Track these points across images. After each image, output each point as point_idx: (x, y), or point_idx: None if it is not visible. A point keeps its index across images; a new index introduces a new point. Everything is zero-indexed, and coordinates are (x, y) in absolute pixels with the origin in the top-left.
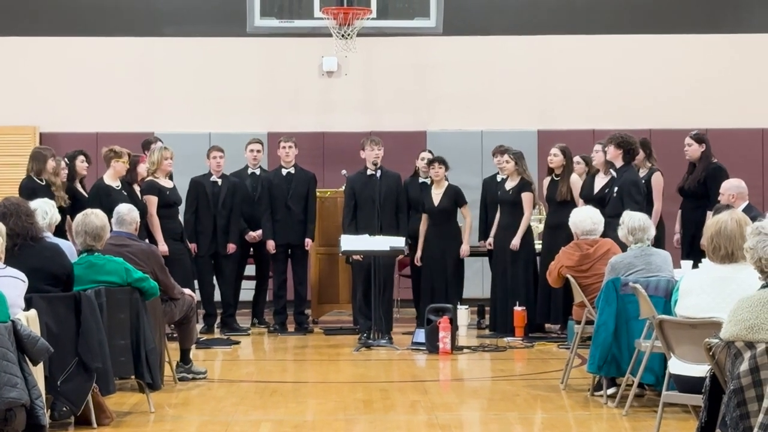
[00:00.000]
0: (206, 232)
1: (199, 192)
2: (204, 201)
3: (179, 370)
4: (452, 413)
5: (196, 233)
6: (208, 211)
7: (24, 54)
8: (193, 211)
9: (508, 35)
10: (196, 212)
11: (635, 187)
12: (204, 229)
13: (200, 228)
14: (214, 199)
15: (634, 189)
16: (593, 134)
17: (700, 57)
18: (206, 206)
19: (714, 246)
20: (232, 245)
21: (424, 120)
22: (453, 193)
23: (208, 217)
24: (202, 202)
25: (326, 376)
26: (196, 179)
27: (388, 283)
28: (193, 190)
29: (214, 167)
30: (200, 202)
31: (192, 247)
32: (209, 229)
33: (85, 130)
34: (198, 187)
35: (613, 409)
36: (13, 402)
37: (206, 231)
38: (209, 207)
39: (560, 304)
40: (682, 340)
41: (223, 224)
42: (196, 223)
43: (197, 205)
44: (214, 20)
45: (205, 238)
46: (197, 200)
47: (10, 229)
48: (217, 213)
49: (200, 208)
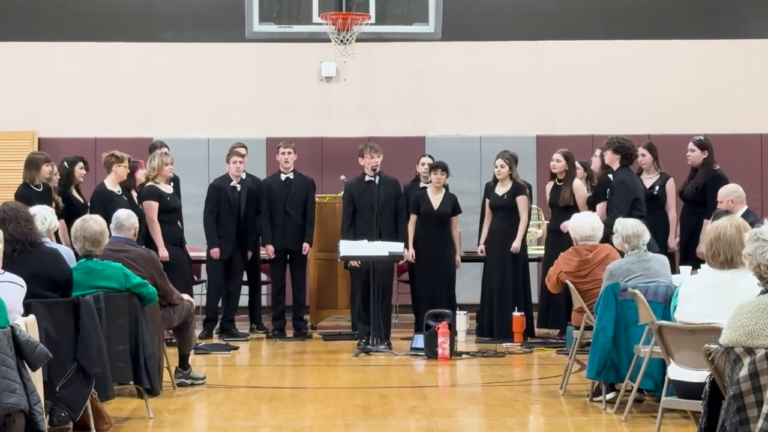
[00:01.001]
0: (229, 237)
1: (221, 197)
2: (225, 206)
3: (178, 375)
4: (451, 419)
5: (218, 238)
6: (230, 216)
7: (23, 59)
8: (214, 217)
9: (506, 41)
10: (217, 218)
11: (623, 186)
12: (226, 233)
13: (222, 233)
14: (236, 204)
15: (622, 189)
16: (592, 139)
17: (699, 62)
18: (228, 211)
19: (713, 252)
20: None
21: (423, 125)
22: (452, 201)
23: (230, 222)
24: (224, 207)
25: (325, 382)
26: (216, 184)
27: (386, 289)
28: (213, 195)
29: (234, 171)
30: (221, 207)
31: (214, 253)
32: (232, 234)
33: (83, 136)
34: (219, 192)
35: (612, 415)
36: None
37: (228, 236)
38: (231, 212)
39: (561, 309)
40: (681, 346)
41: (244, 229)
42: (218, 228)
43: (218, 210)
44: (212, 26)
45: (228, 242)
46: (218, 205)
47: (9, 234)
48: (239, 218)
49: (222, 213)
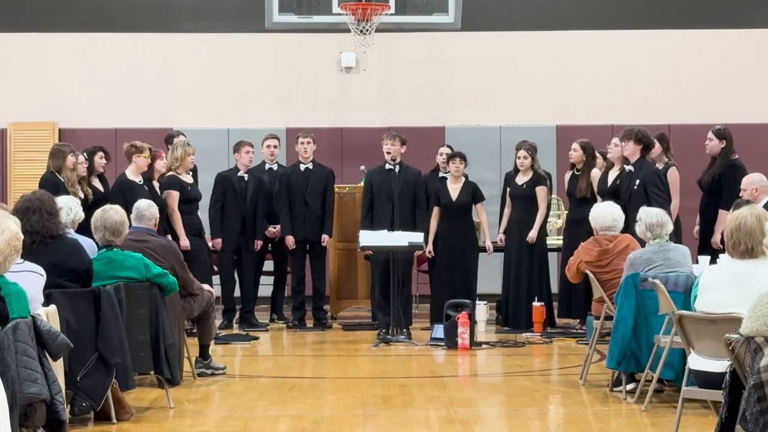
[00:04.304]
0: (233, 228)
1: (227, 187)
2: (232, 197)
3: (198, 365)
4: (471, 409)
5: (222, 228)
6: (236, 206)
7: (43, 50)
8: (219, 207)
9: (526, 31)
10: (222, 208)
11: (659, 178)
12: (231, 224)
13: (227, 223)
14: (242, 195)
15: (658, 181)
16: (612, 129)
17: (718, 52)
18: (234, 202)
19: (734, 241)
20: (259, 241)
21: (443, 115)
22: (471, 189)
23: (236, 213)
24: (230, 198)
25: (345, 372)
26: (224, 174)
27: (406, 279)
28: (220, 186)
29: (246, 162)
30: (227, 197)
31: (216, 243)
32: (237, 225)
33: (104, 126)
34: (225, 183)
35: (633, 405)
36: (33, 397)
37: (233, 227)
38: (237, 203)
39: (581, 299)
40: (701, 336)
41: (251, 220)
42: (223, 218)
43: (224, 200)
44: (232, 16)
45: (232, 233)
46: (224, 196)
47: (31, 226)
48: (245, 209)
49: (227, 203)
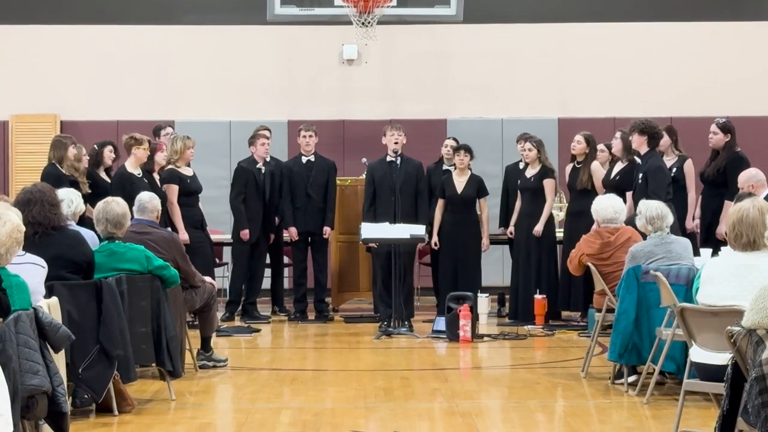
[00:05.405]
0: (256, 219)
1: (248, 179)
2: (253, 188)
3: (200, 357)
4: (473, 401)
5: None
6: (256, 199)
7: (45, 42)
8: (242, 199)
9: (528, 23)
10: (244, 200)
11: (661, 172)
12: (254, 216)
13: (249, 215)
14: (262, 187)
15: (660, 174)
16: (614, 122)
17: (721, 44)
18: (255, 193)
19: (736, 233)
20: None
21: (445, 108)
22: (476, 183)
23: (257, 205)
24: (251, 189)
25: (346, 364)
26: (243, 166)
27: (408, 271)
28: (241, 177)
29: (262, 153)
30: (248, 189)
31: (244, 234)
32: (258, 217)
33: (105, 118)
34: (246, 174)
35: (634, 398)
36: (34, 389)
37: (256, 218)
38: (258, 194)
39: (581, 291)
40: (703, 328)
41: (269, 212)
42: (246, 210)
43: (246, 192)
44: (233, 8)
45: (255, 225)
46: (246, 187)
47: (33, 217)
48: (266, 200)
49: (249, 196)
